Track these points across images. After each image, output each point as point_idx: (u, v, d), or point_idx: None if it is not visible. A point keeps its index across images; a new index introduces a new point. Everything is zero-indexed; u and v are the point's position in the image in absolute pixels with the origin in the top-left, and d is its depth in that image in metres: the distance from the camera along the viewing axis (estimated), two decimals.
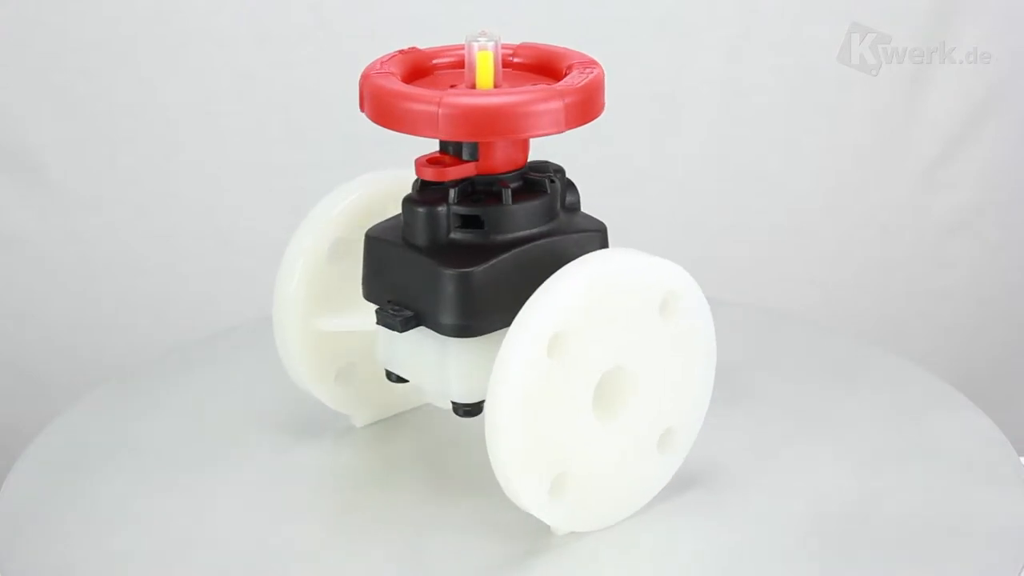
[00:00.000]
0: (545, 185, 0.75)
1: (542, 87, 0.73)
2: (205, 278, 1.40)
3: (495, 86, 0.73)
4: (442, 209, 0.73)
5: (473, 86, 0.73)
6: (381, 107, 0.72)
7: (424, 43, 0.79)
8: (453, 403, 0.75)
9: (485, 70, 0.73)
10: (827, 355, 0.95)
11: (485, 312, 0.72)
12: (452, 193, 0.73)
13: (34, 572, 0.74)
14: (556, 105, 0.71)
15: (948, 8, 1.39)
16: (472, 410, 0.74)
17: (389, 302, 0.74)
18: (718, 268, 1.36)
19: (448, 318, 0.72)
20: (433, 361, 0.75)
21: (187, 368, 0.94)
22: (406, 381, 0.77)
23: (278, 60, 1.36)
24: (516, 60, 0.77)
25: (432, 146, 0.74)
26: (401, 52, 0.76)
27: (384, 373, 0.79)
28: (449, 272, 0.72)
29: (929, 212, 1.45)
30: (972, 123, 1.43)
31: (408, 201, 0.74)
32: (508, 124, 0.71)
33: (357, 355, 0.82)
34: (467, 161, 0.73)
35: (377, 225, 0.76)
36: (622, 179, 1.41)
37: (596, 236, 0.76)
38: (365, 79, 0.74)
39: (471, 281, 0.72)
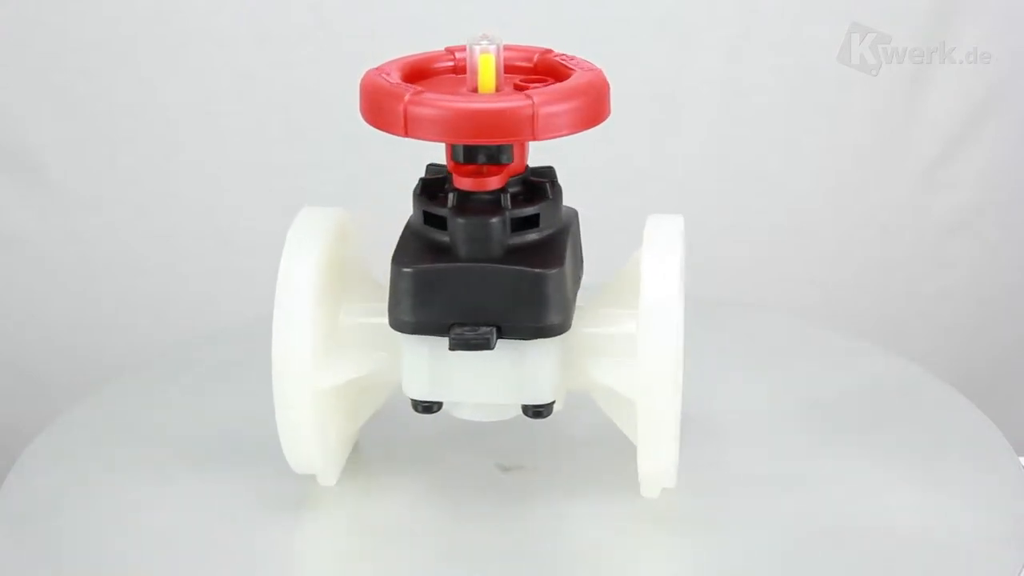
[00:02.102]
0: (555, 176, 0.75)
1: (581, 76, 0.73)
2: (205, 278, 1.40)
3: (496, 89, 0.73)
4: (498, 218, 0.72)
5: (475, 90, 0.73)
6: (464, 120, 0.70)
7: (424, 44, 0.78)
8: (525, 406, 0.74)
9: (487, 73, 0.73)
10: (826, 354, 0.95)
11: (571, 306, 0.73)
12: (504, 198, 0.73)
13: (34, 572, 0.74)
14: (608, 90, 0.73)
15: (948, 8, 1.39)
16: (543, 411, 0.74)
17: (452, 326, 0.72)
18: (718, 268, 1.36)
19: (542, 320, 0.71)
20: (504, 371, 0.73)
21: (187, 368, 0.94)
22: (438, 409, 0.75)
23: (278, 60, 1.36)
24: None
25: (429, 148, 0.74)
26: (376, 71, 0.74)
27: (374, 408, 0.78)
28: (538, 274, 0.71)
29: (929, 212, 1.45)
30: (972, 123, 1.43)
31: (459, 216, 0.72)
32: (588, 115, 0.72)
33: (340, 406, 0.78)
34: (506, 164, 0.73)
35: (400, 256, 0.73)
36: (622, 179, 1.41)
37: (576, 217, 0.77)
38: (412, 103, 0.70)
39: (557, 279, 0.72)
